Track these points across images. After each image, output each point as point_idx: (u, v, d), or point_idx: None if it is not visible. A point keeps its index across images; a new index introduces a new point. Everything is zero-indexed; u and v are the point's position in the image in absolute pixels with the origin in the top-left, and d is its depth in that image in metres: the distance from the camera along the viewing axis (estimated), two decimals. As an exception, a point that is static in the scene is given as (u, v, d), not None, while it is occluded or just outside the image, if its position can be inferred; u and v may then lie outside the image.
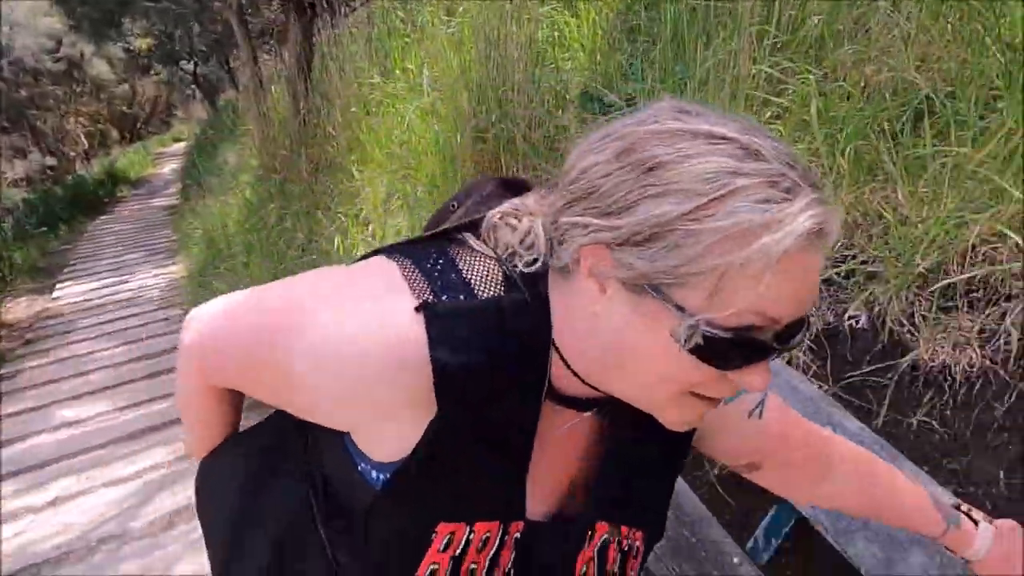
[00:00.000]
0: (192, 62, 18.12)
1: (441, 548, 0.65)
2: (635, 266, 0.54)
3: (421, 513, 0.65)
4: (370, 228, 3.42)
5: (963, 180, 1.40)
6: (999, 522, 0.95)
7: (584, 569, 0.72)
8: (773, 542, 1.49)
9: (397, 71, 3.93)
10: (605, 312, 0.58)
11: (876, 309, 1.51)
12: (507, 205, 0.66)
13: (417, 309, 0.59)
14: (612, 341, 0.59)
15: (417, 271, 0.63)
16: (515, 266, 0.62)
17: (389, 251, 0.67)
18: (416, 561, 0.65)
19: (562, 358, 0.63)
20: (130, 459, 3.38)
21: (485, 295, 0.62)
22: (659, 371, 0.58)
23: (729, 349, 0.55)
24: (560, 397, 0.66)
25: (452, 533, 0.65)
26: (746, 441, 0.83)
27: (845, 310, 1.58)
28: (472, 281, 0.62)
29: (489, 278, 0.63)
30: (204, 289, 5.73)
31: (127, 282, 7.28)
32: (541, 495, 0.71)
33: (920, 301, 1.45)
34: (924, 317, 1.44)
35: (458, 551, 0.66)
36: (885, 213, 1.50)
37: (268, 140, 5.77)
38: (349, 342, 0.60)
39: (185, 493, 3.01)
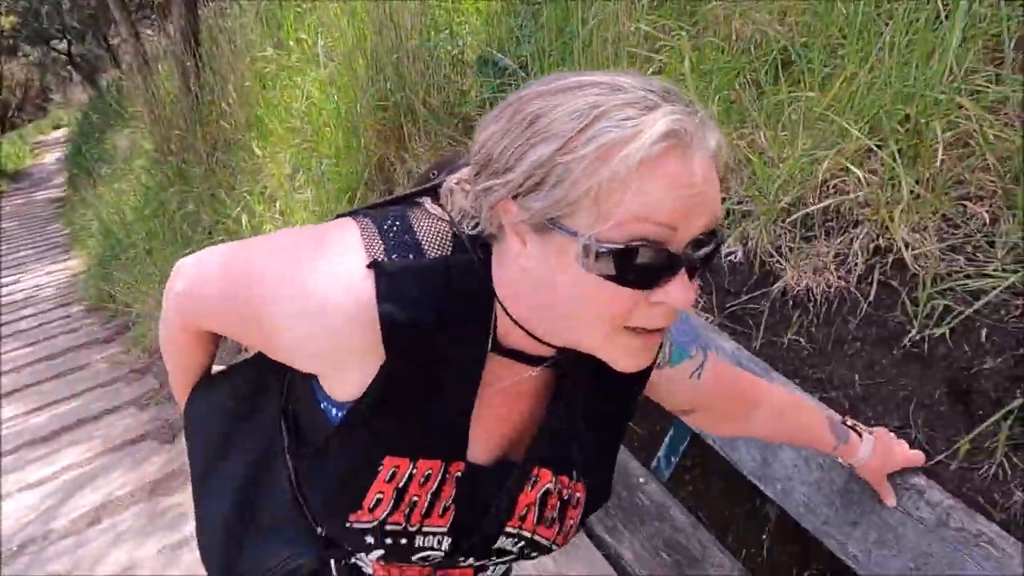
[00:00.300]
0: (65, 41, 16.76)
1: (386, 479, 0.73)
2: (533, 208, 0.60)
3: (369, 447, 0.72)
4: (277, 205, 3.38)
5: (814, 122, 1.57)
6: (876, 430, 1.17)
7: (524, 512, 0.79)
8: (673, 460, 1.66)
9: (291, 42, 3.84)
10: (530, 263, 0.63)
11: (749, 244, 1.68)
12: (463, 171, 0.71)
13: (368, 267, 0.65)
14: (542, 290, 0.64)
15: (375, 231, 0.68)
16: (465, 229, 0.68)
17: (354, 213, 0.72)
18: (364, 489, 0.72)
19: (509, 315, 0.68)
20: (46, 461, 3.27)
21: (434, 255, 0.67)
22: (585, 307, 0.62)
23: (630, 264, 0.58)
24: (511, 352, 0.72)
25: (396, 467, 0.73)
26: (684, 395, 0.92)
27: (723, 247, 1.74)
28: (423, 242, 0.68)
29: (440, 239, 0.69)
30: (106, 282, 5.48)
31: (19, 282, 6.84)
32: (487, 441, 0.77)
33: (785, 233, 1.62)
34: (790, 247, 1.61)
35: (401, 483, 0.73)
36: (752, 156, 1.66)
37: (160, 121, 5.51)
38: (308, 297, 0.66)
39: (107, 488, 2.96)
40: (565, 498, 0.81)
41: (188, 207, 4.75)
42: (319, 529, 0.80)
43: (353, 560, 0.83)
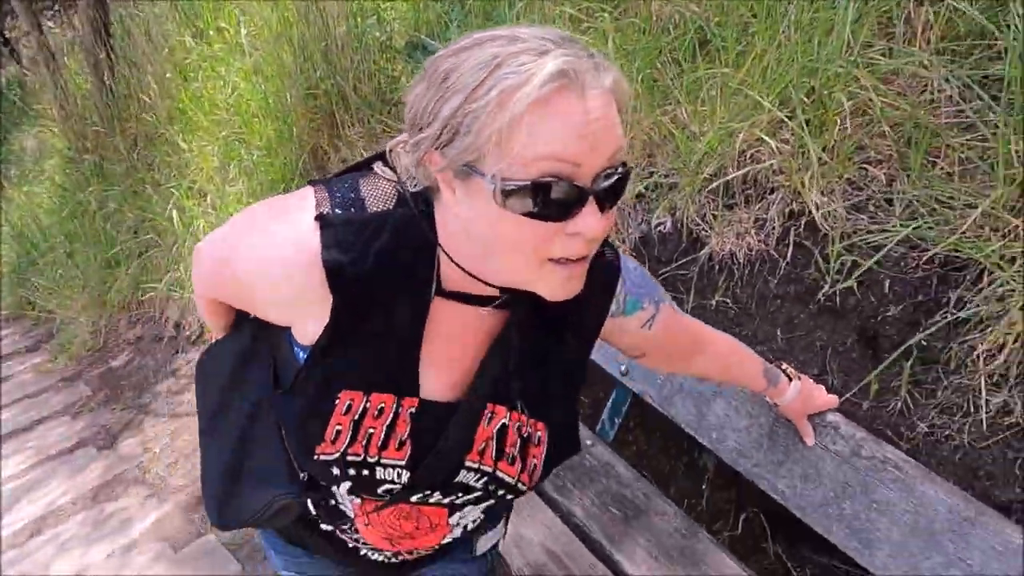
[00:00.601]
0: (-44, 35, 15.57)
1: (343, 411, 0.80)
2: (451, 155, 0.65)
3: (327, 382, 0.80)
4: (208, 199, 3.31)
5: (730, 96, 1.67)
6: (804, 377, 1.29)
7: (483, 447, 0.85)
8: (616, 421, 1.75)
9: (211, 32, 3.73)
10: (460, 210, 0.69)
11: (677, 214, 1.78)
12: (405, 134, 0.76)
13: (315, 219, 0.73)
14: (472, 231, 0.70)
15: (325, 193, 0.76)
16: (408, 187, 0.75)
17: (315, 181, 0.80)
18: (324, 422, 0.80)
19: (452, 260, 0.75)
20: (-24, 476, 3.13)
21: (376, 209, 0.75)
22: (509, 244, 0.67)
23: (540, 199, 0.63)
24: (458, 295, 0.78)
25: (352, 400, 0.80)
26: (636, 342, 1.00)
27: (653, 218, 1.84)
28: (367, 198, 0.76)
29: (383, 197, 0.76)
30: (24, 288, 5.22)
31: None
32: (441, 380, 0.83)
33: (709, 202, 1.73)
34: (714, 215, 1.72)
35: (357, 415, 0.80)
36: (675, 131, 1.76)
37: (72, 118, 5.25)
38: (267, 255, 0.77)
39: (46, 499, 2.86)
40: (525, 436, 0.87)
41: (109, 206, 4.57)
42: (302, 474, 0.87)
43: (333, 502, 0.90)
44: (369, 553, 0.99)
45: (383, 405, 0.81)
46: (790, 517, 1.68)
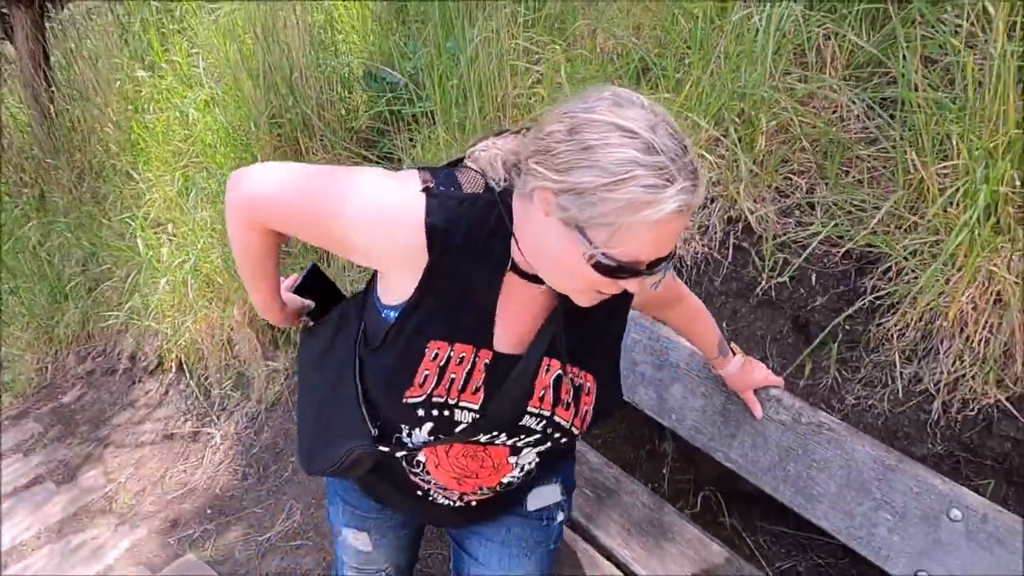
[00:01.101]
0: None
1: (431, 358, 0.97)
2: (568, 209, 0.82)
3: (418, 334, 0.96)
4: (170, 227, 3.34)
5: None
6: (749, 357, 1.46)
7: (542, 394, 1.03)
8: (584, 413, 1.90)
9: (163, 64, 3.78)
10: (543, 230, 0.87)
11: (630, 224, 1.98)
12: (480, 144, 0.97)
13: (421, 191, 0.91)
14: (546, 251, 0.89)
15: (429, 175, 0.94)
16: (492, 178, 0.94)
17: (421, 168, 0.97)
18: (414, 369, 0.96)
19: (518, 247, 0.92)
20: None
21: (469, 191, 0.93)
22: (572, 276, 0.88)
23: (617, 270, 0.84)
24: (524, 274, 0.96)
25: (438, 349, 0.97)
26: (646, 299, 1.24)
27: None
28: (463, 183, 0.94)
29: (474, 184, 0.95)
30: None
31: None
32: (509, 338, 1.01)
33: (658, 212, 1.94)
34: (662, 224, 1.92)
35: (443, 362, 0.97)
36: (625, 150, 1.96)
37: (10, 150, 5.14)
38: (380, 212, 0.93)
39: (7, 535, 2.81)
40: (576, 385, 1.05)
41: (53, 240, 4.49)
42: (374, 430, 1.04)
43: (404, 452, 1.07)
44: (437, 496, 1.14)
45: (464, 354, 0.98)
46: (742, 492, 1.88)
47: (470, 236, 0.92)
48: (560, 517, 1.34)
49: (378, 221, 0.93)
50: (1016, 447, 1.41)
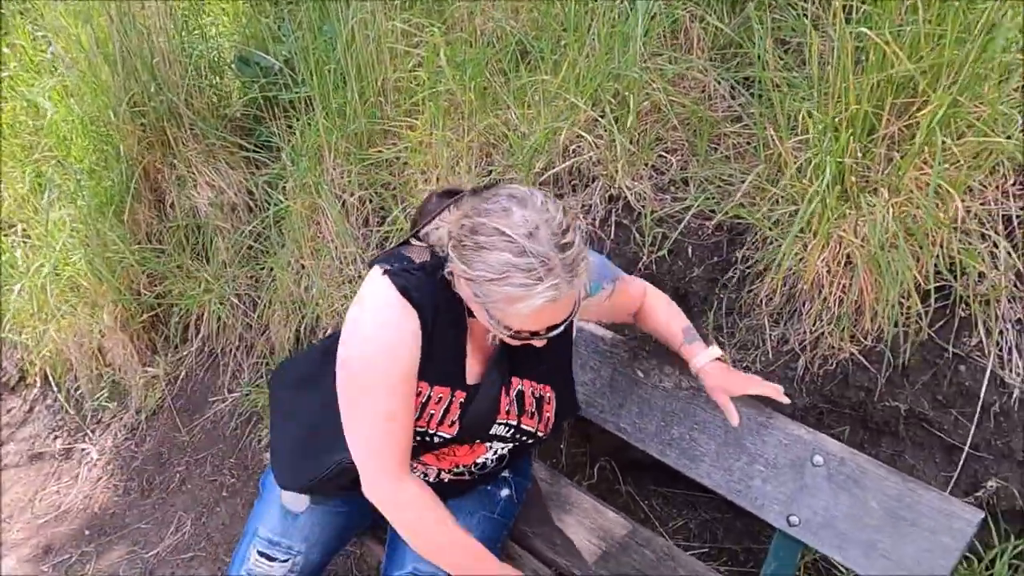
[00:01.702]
0: None
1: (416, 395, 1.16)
2: (473, 291, 1.04)
3: None
4: (18, 228, 3.04)
5: (551, 100, 1.92)
6: (728, 365, 1.43)
7: (508, 408, 1.24)
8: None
9: (4, 48, 3.41)
10: (465, 293, 1.08)
11: (516, 205, 2.00)
12: (445, 216, 1.14)
13: (382, 275, 1.12)
14: (470, 306, 1.10)
15: (384, 263, 1.14)
16: (437, 250, 1.14)
17: (373, 261, 1.16)
18: None
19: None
20: None
21: (418, 262, 1.14)
22: (493, 331, 1.10)
23: (517, 336, 1.08)
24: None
25: (421, 388, 1.17)
26: (597, 311, 1.37)
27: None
28: (412, 256, 1.16)
29: (421, 254, 1.16)
30: None
31: None
32: (476, 371, 1.23)
33: (542, 192, 1.97)
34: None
35: (424, 400, 1.18)
36: (507, 133, 1.97)
37: None
38: (377, 329, 1.13)
39: None
40: (537, 396, 1.28)
41: None
42: None
43: None
44: (415, 472, 1.29)
45: (442, 395, 1.20)
46: (634, 460, 1.96)
47: (432, 295, 1.12)
48: (504, 492, 1.48)
49: (392, 340, 1.12)
50: (869, 395, 1.55)
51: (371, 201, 2.27)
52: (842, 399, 1.59)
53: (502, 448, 1.33)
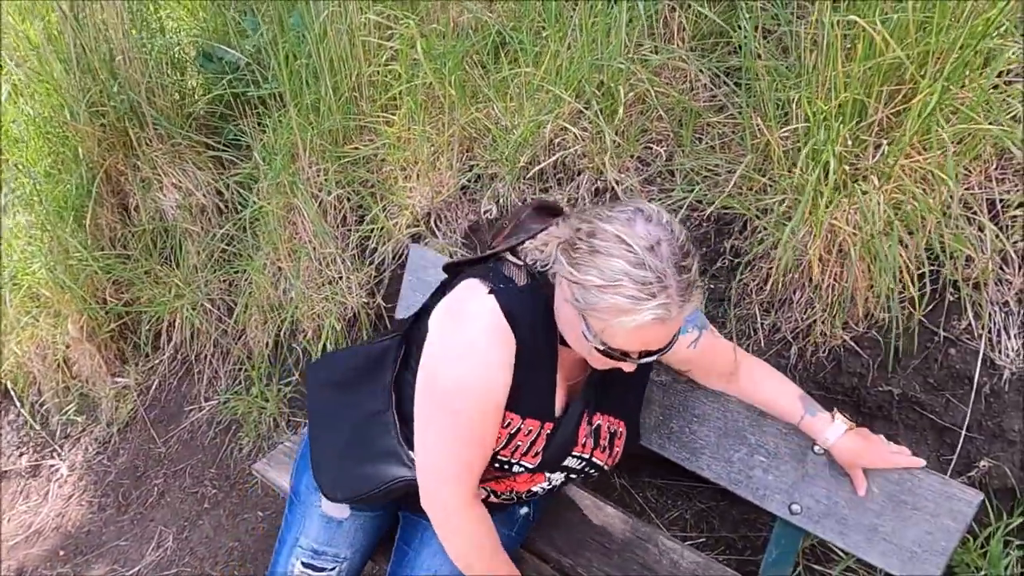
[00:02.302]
0: None
1: (503, 425, 1.14)
2: (576, 297, 0.99)
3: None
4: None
5: (533, 92, 1.89)
6: (861, 429, 1.28)
7: (584, 441, 1.22)
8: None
9: (-55, 47, 3.23)
10: (565, 308, 1.05)
11: (500, 201, 1.97)
12: (542, 236, 1.14)
13: (488, 293, 1.09)
14: (568, 324, 1.07)
15: (487, 281, 1.11)
16: (536, 268, 1.12)
17: (468, 274, 1.14)
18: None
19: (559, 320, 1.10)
20: None
21: (520, 284, 1.11)
22: (582, 349, 1.07)
23: (610, 354, 1.02)
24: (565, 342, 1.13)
25: (512, 419, 1.14)
26: (683, 360, 1.35)
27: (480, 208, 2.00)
28: (513, 277, 1.12)
29: (520, 275, 1.13)
30: None
31: None
32: (562, 401, 1.21)
33: (527, 188, 1.94)
34: (532, 197, 1.93)
35: (513, 431, 1.16)
36: (490, 126, 1.94)
37: None
38: (475, 350, 1.09)
39: None
40: (612, 431, 1.27)
41: None
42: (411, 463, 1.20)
43: None
44: None
45: (531, 428, 1.17)
46: (629, 454, 1.95)
47: (533, 324, 1.10)
48: (523, 510, 1.44)
49: (492, 366, 1.09)
50: (861, 380, 1.57)
51: (349, 200, 2.21)
52: (835, 385, 1.60)
53: (560, 478, 1.29)
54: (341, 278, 2.18)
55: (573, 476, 1.29)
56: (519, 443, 1.17)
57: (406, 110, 2.07)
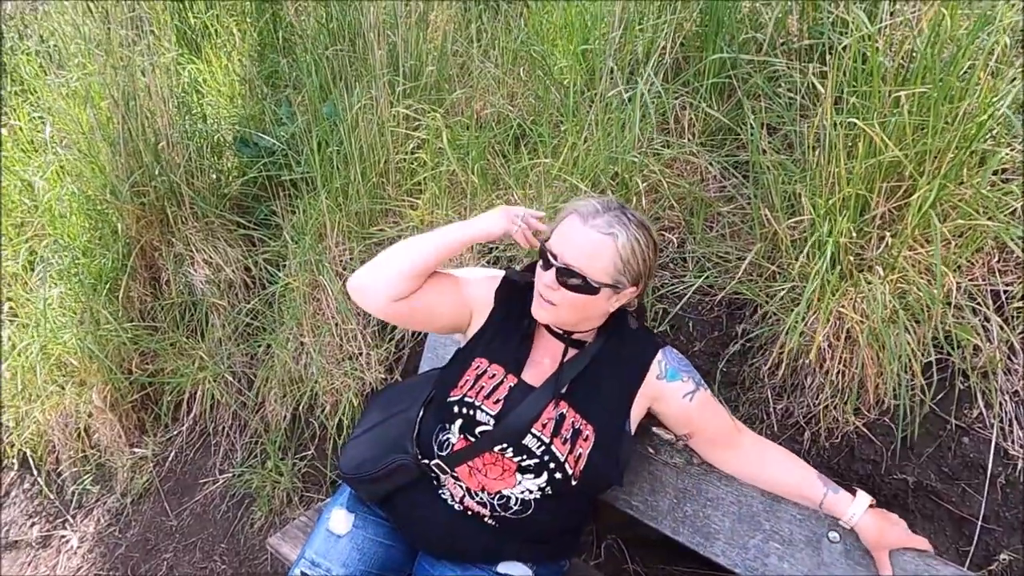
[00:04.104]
0: None
1: (474, 368, 1.38)
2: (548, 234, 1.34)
3: (471, 351, 1.42)
4: (4, 307, 3.01)
5: (551, 181, 1.99)
6: (882, 510, 1.30)
7: (546, 422, 1.32)
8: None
9: (3, 131, 3.46)
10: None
11: (518, 282, 2.03)
12: None
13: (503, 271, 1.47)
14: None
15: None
16: None
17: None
18: (461, 374, 1.39)
19: None
20: None
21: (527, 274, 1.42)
22: (537, 280, 1.33)
23: (546, 260, 1.30)
24: (552, 331, 1.39)
25: (481, 363, 1.39)
26: (680, 412, 1.39)
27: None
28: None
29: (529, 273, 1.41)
30: None
31: None
32: (534, 373, 1.38)
33: (544, 270, 2.01)
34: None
35: (480, 373, 1.38)
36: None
37: None
38: (484, 276, 1.48)
39: None
40: (576, 428, 1.33)
41: None
42: (417, 451, 1.38)
43: (433, 475, 1.38)
44: (444, 484, 1.39)
45: (496, 373, 1.37)
46: (643, 537, 1.93)
47: (525, 287, 1.38)
48: None
49: (482, 279, 1.47)
50: (875, 468, 1.57)
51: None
52: (850, 472, 1.61)
53: (531, 484, 1.33)
54: (361, 354, 2.24)
55: (543, 485, 1.33)
56: (483, 384, 1.36)
57: (430, 195, 2.18)
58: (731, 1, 1.95)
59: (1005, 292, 1.49)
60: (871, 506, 1.30)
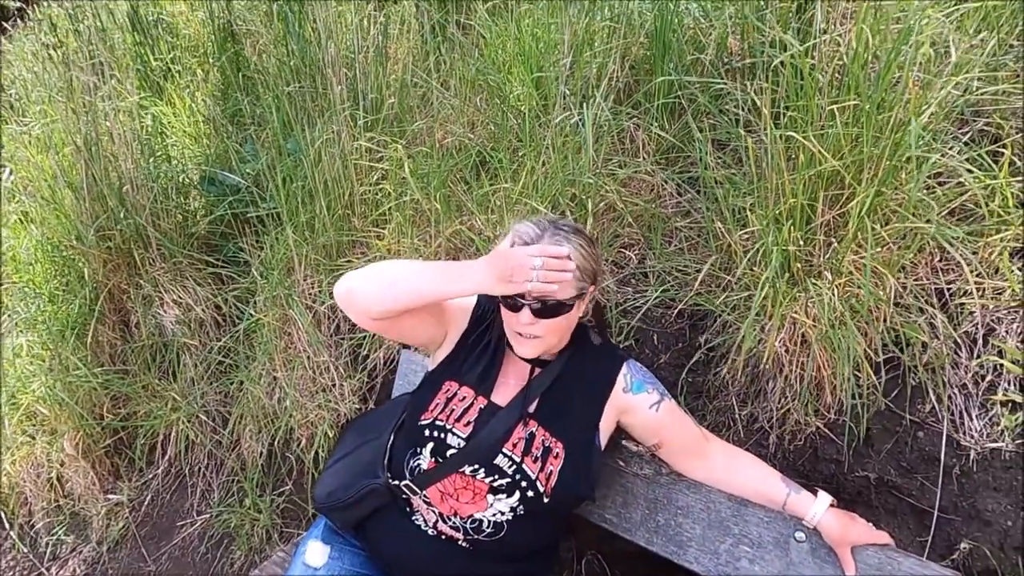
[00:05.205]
0: None
1: (443, 392, 1.42)
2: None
3: (441, 375, 1.46)
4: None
5: (513, 205, 2.04)
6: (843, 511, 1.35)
7: (516, 441, 1.35)
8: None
9: (-38, 179, 3.43)
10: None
11: (486, 305, 2.07)
12: None
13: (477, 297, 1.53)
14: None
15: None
16: None
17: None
18: (431, 398, 1.42)
19: None
20: None
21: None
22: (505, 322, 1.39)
23: (506, 302, 1.35)
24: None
25: (450, 386, 1.42)
26: (649, 424, 1.43)
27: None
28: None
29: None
30: None
31: None
32: (502, 395, 1.41)
33: (510, 293, 2.05)
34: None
35: (450, 395, 1.41)
36: (473, 237, 2.07)
37: None
38: (461, 302, 1.53)
39: None
40: (546, 446, 1.36)
41: None
42: (386, 473, 1.42)
43: (405, 496, 1.40)
44: (419, 511, 1.40)
45: (466, 395, 1.41)
46: (621, 551, 1.95)
47: (495, 315, 1.46)
48: None
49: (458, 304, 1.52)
50: (839, 467, 1.62)
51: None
52: (815, 472, 1.65)
53: (503, 506, 1.34)
54: (334, 385, 2.25)
55: (510, 497, 1.34)
56: (454, 407, 1.39)
57: (395, 224, 2.22)
58: (674, 26, 2.03)
59: (948, 290, 1.55)
60: (832, 505, 1.35)
